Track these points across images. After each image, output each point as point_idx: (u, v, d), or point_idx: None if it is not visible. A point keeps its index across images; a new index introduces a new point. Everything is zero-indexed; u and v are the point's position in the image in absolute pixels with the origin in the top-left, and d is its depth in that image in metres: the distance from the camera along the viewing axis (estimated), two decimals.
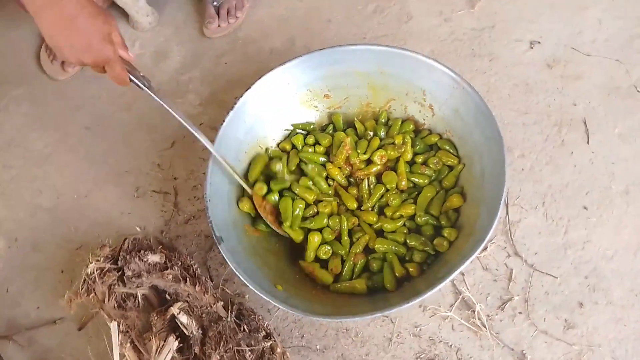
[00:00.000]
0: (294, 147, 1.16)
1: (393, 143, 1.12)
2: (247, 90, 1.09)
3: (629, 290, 1.03)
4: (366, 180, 1.11)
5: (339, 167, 1.12)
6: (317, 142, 1.15)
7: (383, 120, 1.17)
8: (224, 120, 1.07)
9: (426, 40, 1.33)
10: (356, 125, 1.17)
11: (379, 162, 1.11)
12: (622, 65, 1.24)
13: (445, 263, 0.98)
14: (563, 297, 1.04)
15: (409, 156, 1.11)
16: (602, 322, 1.01)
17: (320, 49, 1.10)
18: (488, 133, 1.01)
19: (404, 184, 1.09)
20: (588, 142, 1.17)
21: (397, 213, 1.06)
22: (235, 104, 1.08)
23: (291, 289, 0.98)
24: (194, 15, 1.48)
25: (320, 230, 1.07)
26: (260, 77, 1.10)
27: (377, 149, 1.11)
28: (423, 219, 1.05)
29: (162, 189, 1.25)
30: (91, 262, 1.04)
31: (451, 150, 1.10)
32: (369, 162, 1.12)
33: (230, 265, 0.94)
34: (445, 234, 1.02)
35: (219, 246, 0.96)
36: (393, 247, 1.04)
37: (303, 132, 1.19)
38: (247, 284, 0.93)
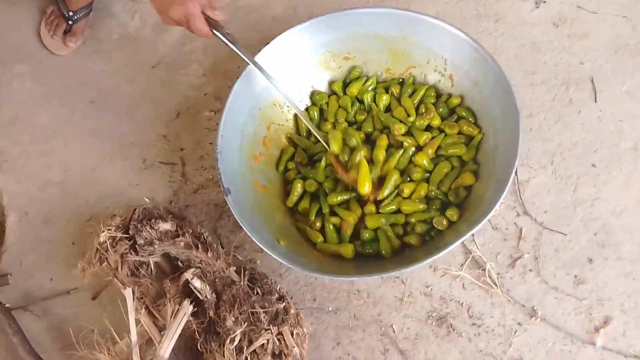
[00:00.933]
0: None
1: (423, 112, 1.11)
2: (265, 45, 1.10)
3: (638, 245, 1.04)
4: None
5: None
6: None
7: (410, 85, 1.15)
8: (239, 76, 1.08)
9: (431, 2, 1.32)
10: (391, 90, 1.15)
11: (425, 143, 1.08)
12: (629, 22, 1.23)
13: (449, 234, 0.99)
14: (573, 254, 1.04)
15: (436, 122, 1.09)
16: (611, 277, 1.02)
17: (343, 9, 1.10)
18: (506, 108, 1.00)
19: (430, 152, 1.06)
20: (596, 101, 1.17)
21: (415, 194, 1.04)
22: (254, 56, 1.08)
23: (293, 245, 1.01)
24: None
25: (306, 179, 1.09)
26: (279, 34, 1.10)
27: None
28: (434, 193, 1.04)
29: (169, 160, 1.25)
30: (103, 232, 1.05)
31: (471, 119, 1.09)
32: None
33: (236, 216, 0.96)
34: (448, 215, 1.01)
35: (226, 198, 0.98)
36: (387, 225, 1.03)
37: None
38: (249, 235, 0.95)
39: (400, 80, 1.17)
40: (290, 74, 1.15)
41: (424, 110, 1.11)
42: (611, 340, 0.97)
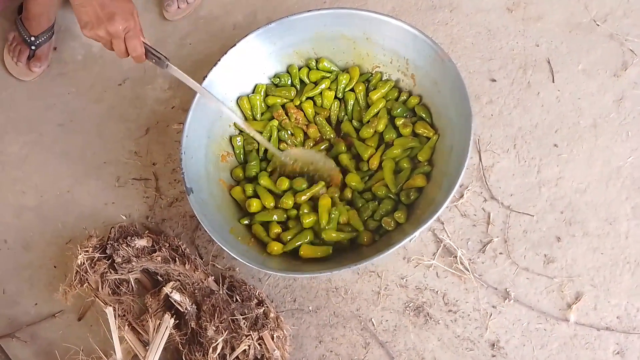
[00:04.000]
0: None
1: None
2: (230, 48, 1.12)
3: (604, 219, 1.07)
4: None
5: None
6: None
7: (376, 83, 1.17)
8: (205, 76, 1.10)
9: None
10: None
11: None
12: (580, 1, 1.25)
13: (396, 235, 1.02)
14: (541, 234, 1.07)
15: (380, 127, 1.12)
16: (580, 253, 1.05)
17: (307, 10, 1.12)
18: (461, 109, 1.01)
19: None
20: (553, 81, 1.19)
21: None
22: (218, 61, 1.11)
23: (256, 245, 1.05)
24: (152, 0, 1.47)
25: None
26: (244, 37, 1.13)
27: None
28: (384, 192, 1.07)
29: (143, 176, 1.27)
30: (80, 254, 1.06)
31: (427, 120, 1.11)
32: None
33: (197, 215, 0.99)
34: (396, 217, 1.03)
35: (188, 197, 1.00)
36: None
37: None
38: (210, 234, 0.98)
39: (370, 74, 1.19)
40: (258, 71, 1.19)
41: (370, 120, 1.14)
42: (583, 315, 1.00)
